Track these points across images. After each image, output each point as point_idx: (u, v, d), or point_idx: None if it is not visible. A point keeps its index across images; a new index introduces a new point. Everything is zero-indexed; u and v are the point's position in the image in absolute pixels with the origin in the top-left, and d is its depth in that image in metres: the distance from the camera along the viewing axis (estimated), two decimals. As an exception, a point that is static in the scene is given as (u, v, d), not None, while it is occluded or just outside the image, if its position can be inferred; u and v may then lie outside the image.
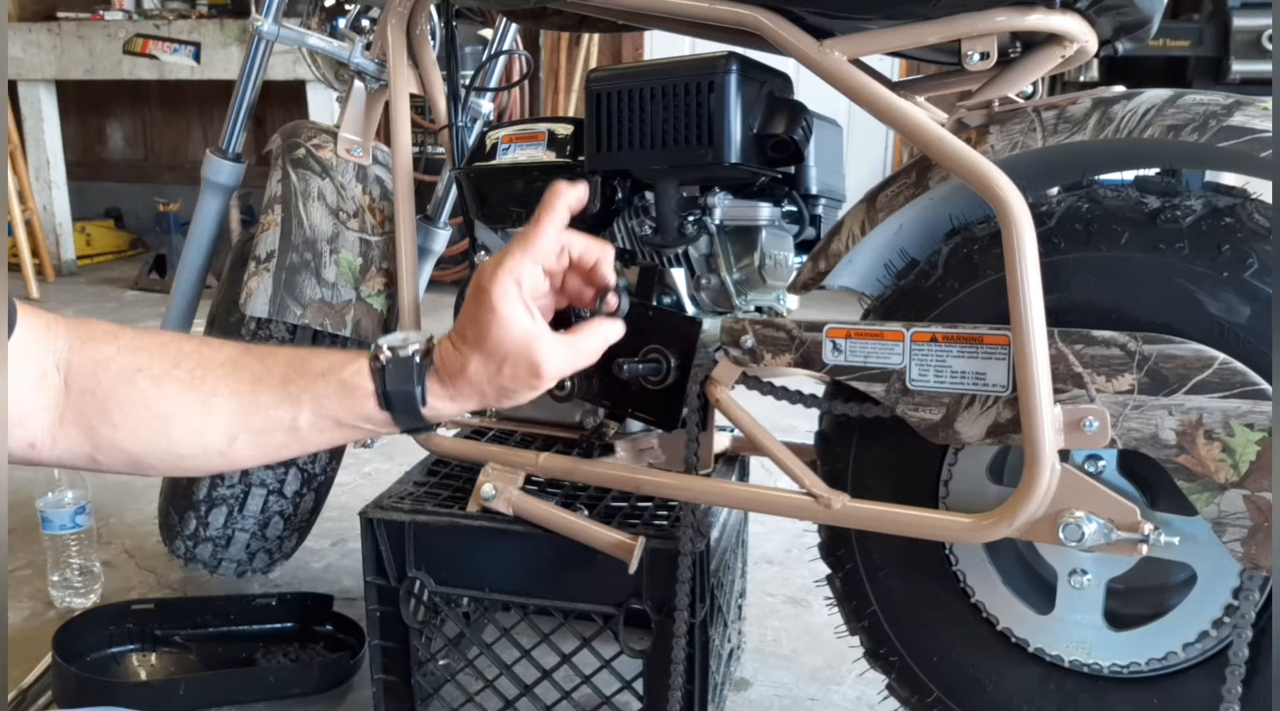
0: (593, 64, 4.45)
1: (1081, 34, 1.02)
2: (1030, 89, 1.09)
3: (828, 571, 1.17)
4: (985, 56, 0.99)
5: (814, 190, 1.26)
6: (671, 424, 1.16)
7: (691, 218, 1.21)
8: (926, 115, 1.03)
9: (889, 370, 1.02)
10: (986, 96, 1.04)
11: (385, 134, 1.49)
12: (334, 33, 1.68)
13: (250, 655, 1.60)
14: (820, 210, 1.28)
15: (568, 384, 1.22)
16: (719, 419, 1.18)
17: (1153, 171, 1.05)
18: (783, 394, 1.12)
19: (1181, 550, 0.95)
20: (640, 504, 1.29)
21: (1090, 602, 1.01)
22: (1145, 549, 0.94)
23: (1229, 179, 1.07)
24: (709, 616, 1.21)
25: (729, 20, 1.08)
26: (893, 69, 3.58)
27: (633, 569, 1.14)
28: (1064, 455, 0.96)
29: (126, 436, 0.75)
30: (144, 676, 1.58)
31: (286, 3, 1.61)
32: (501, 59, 1.77)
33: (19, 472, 2.12)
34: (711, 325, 1.15)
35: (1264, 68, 3.24)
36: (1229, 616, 0.94)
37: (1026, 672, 1.05)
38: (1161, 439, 0.92)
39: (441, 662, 1.36)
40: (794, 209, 1.25)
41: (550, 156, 1.30)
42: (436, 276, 1.85)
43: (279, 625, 1.65)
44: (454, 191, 1.68)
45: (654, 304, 1.24)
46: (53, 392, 0.74)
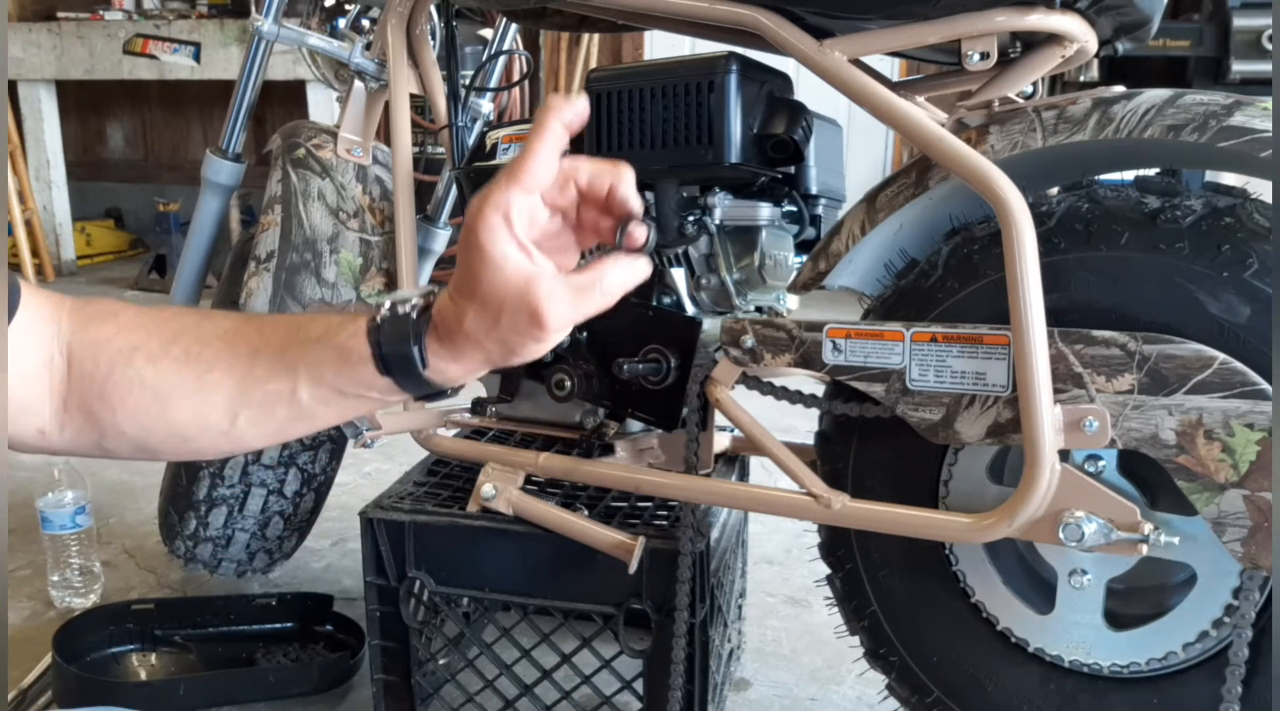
0: (593, 64, 4.45)
1: (1081, 34, 1.02)
2: (1030, 89, 1.09)
3: (828, 571, 1.17)
4: (985, 56, 0.99)
5: (814, 190, 1.26)
6: (671, 424, 1.16)
7: (691, 218, 1.21)
8: (926, 115, 1.03)
9: (889, 370, 1.02)
10: (986, 96, 1.04)
11: (385, 134, 1.49)
12: (334, 33, 1.68)
13: (250, 655, 1.60)
14: (820, 210, 1.28)
15: (568, 383, 1.22)
16: (719, 419, 1.18)
17: (1153, 171, 1.05)
18: (783, 394, 1.12)
19: (1181, 550, 0.95)
20: (640, 504, 1.29)
21: (1090, 602, 1.01)
22: (1145, 549, 0.94)
23: (1229, 179, 1.07)
24: (709, 616, 1.21)
25: (729, 20, 1.08)
26: (893, 69, 3.58)
27: (633, 569, 1.14)
28: (1064, 455, 0.96)
29: (126, 419, 0.72)
30: (144, 676, 1.58)
31: (286, 3, 1.60)
32: (501, 59, 1.77)
33: (19, 473, 2.12)
34: (711, 325, 1.15)
35: (1264, 68, 3.24)
36: (1229, 616, 0.94)
37: (1026, 672, 1.05)
38: (1161, 439, 0.92)
39: (441, 662, 1.36)
40: (794, 209, 1.25)
41: (550, 156, 1.30)
42: (436, 276, 1.84)
43: (279, 625, 1.65)
44: (454, 191, 1.68)
45: (654, 304, 1.24)
46: (58, 377, 0.72)
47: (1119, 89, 0.96)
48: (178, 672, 1.57)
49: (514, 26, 1.68)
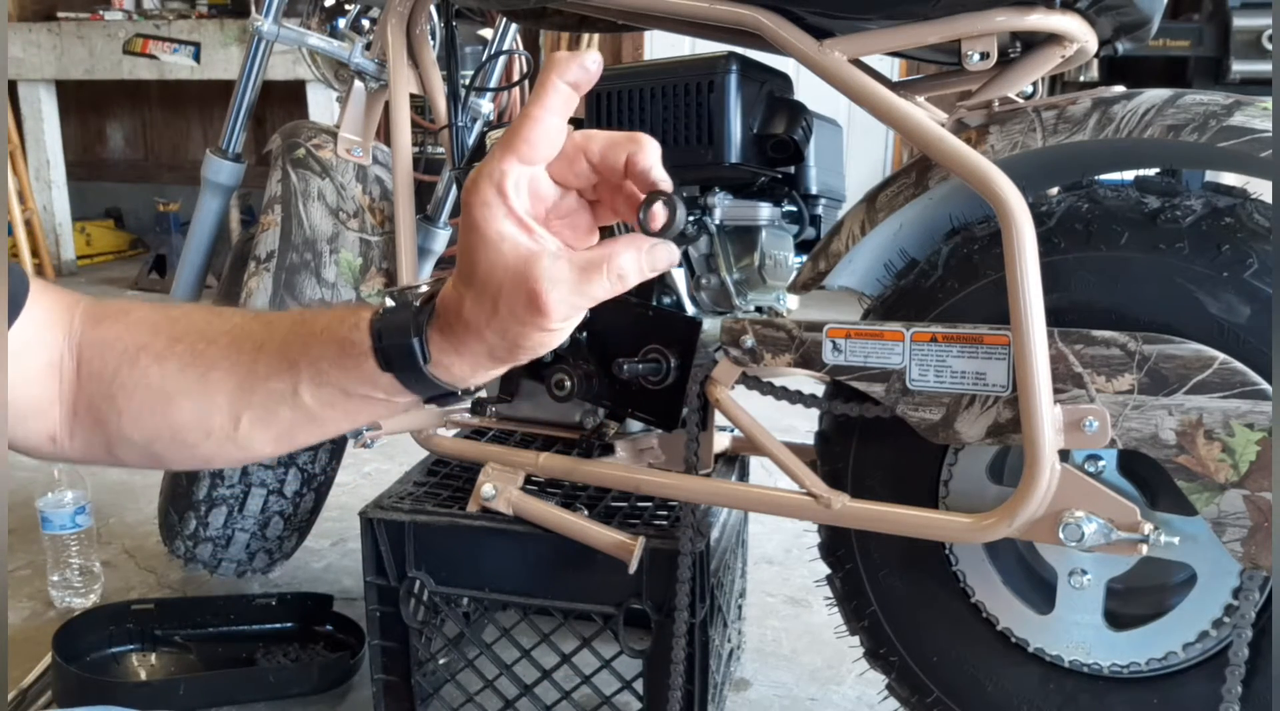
0: (593, 64, 4.45)
1: (1081, 34, 1.02)
2: (1030, 89, 1.09)
3: (828, 571, 1.17)
4: (985, 56, 0.99)
5: (814, 190, 1.26)
6: (671, 424, 1.16)
7: (691, 218, 1.21)
8: (926, 115, 1.03)
9: (889, 370, 1.02)
10: (986, 96, 1.04)
11: (385, 134, 1.49)
12: (334, 33, 1.68)
13: (250, 655, 1.60)
14: (820, 210, 1.28)
15: (568, 383, 1.22)
16: (719, 419, 1.18)
17: (1153, 171, 1.05)
18: (783, 394, 1.12)
19: (1181, 550, 0.95)
20: (640, 504, 1.29)
21: (1090, 602, 1.01)
22: (1145, 549, 0.94)
23: (1229, 179, 1.07)
24: (709, 616, 1.21)
25: (729, 20, 1.08)
26: (893, 69, 3.58)
27: (633, 569, 1.14)
28: (1064, 455, 0.96)
29: (130, 423, 0.68)
30: (144, 676, 1.58)
31: (286, 3, 1.61)
32: (501, 59, 1.77)
33: (19, 473, 2.12)
34: (711, 325, 1.15)
35: (1264, 68, 3.24)
36: (1229, 616, 0.94)
37: (1026, 672, 1.05)
38: (1161, 439, 0.92)
39: (441, 662, 1.36)
40: (794, 209, 1.25)
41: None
42: (437, 276, 1.85)
43: (279, 625, 1.65)
44: (454, 191, 1.68)
45: (654, 304, 1.24)
46: (67, 378, 0.69)
47: (1119, 89, 0.96)
48: (178, 672, 1.57)
49: (514, 26, 1.68)
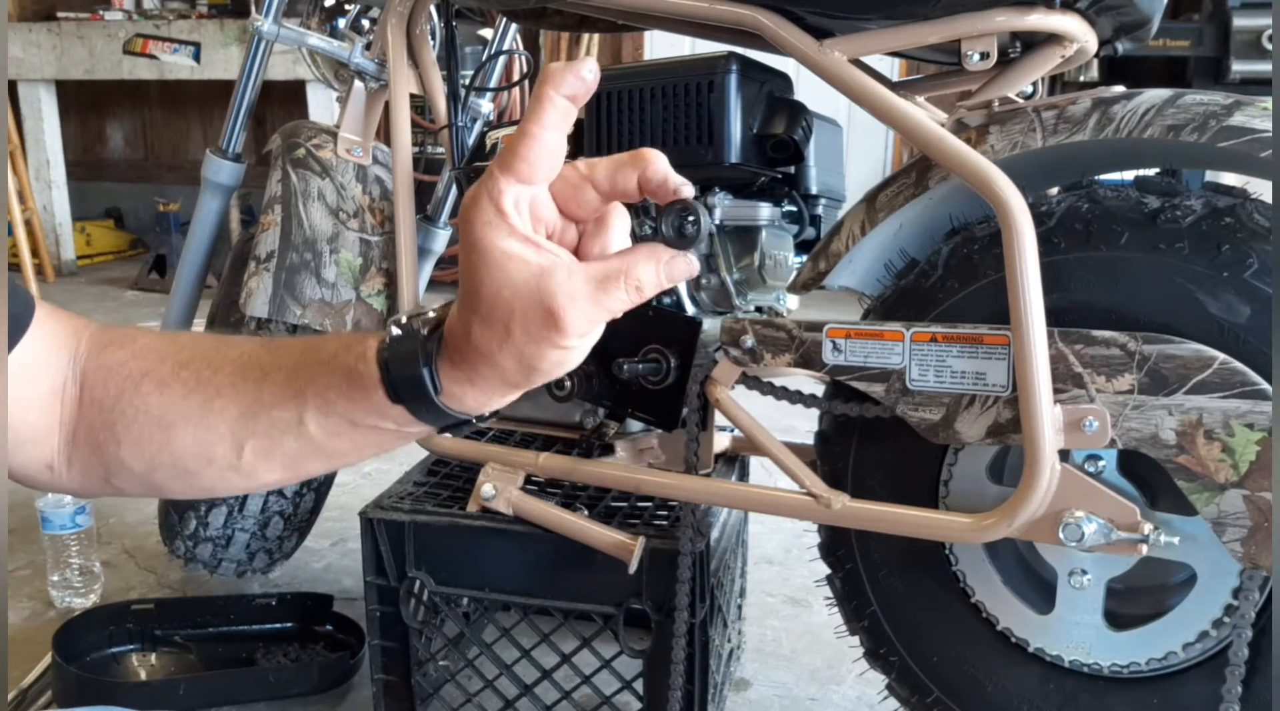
0: (593, 64, 4.45)
1: (1081, 34, 1.02)
2: (1030, 89, 1.09)
3: (828, 571, 1.17)
4: (985, 56, 0.99)
5: (814, 190, 1.26)
6: (671, 424, 1.16)
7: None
8: (926, 115, 1.03)
9: (889, 370, 1.02)
10: (986, 96, 1.04)
11: (385, 134, 1.49)
12: (334, 33, 1.68)
13: (250, 655, 1.60)
14: (820, 210, 1.28)
15: (568, 383, 1.22)
16: (719, 419, 1.18)
17: (1153, 171, 1.05)
18: (783, 394, 1.12)
19: (1181, 550, 0.95)
20: (640, 504, 1.29)
21: (1090, 602, 1.01)
22: (1145, 549, 0.94)
23: (1229, 179, 1.07)
24: (709, 616, 1.21)
25: (729, 20, 1.08)
26: (893, 69, 3.58)
27: (633, 569, 1.14)
28: (1064, 455, 0.96)
29: (130, 450, 0.66)
30: (144, 676, 1.57)
31: (286, 3, 1.61)
32: (501, 59, 1.77)
33: (19, 472, 2.12)
34: (711, 325, 1.15)
35: (1264, 68, 3.24)
36: (1229, 616, 0.94)
37: (1026, 672, 1.05)
38: (1161, 439, 0.92)
39: (441, 662, 1.36)
40: (794, 209, 1.25)
41: (550, 156, 1.30)
42: (436, 276, 1.84)
43: (279, 625, 1.65)
44: (454, 191, 1.68)
45: (654, 304, 1.24)
46: (69, 405, 0.67)
47: (1119, 89, 0.96)
48: (178, 672, 1.57)
49: (514, 26, 1.68)
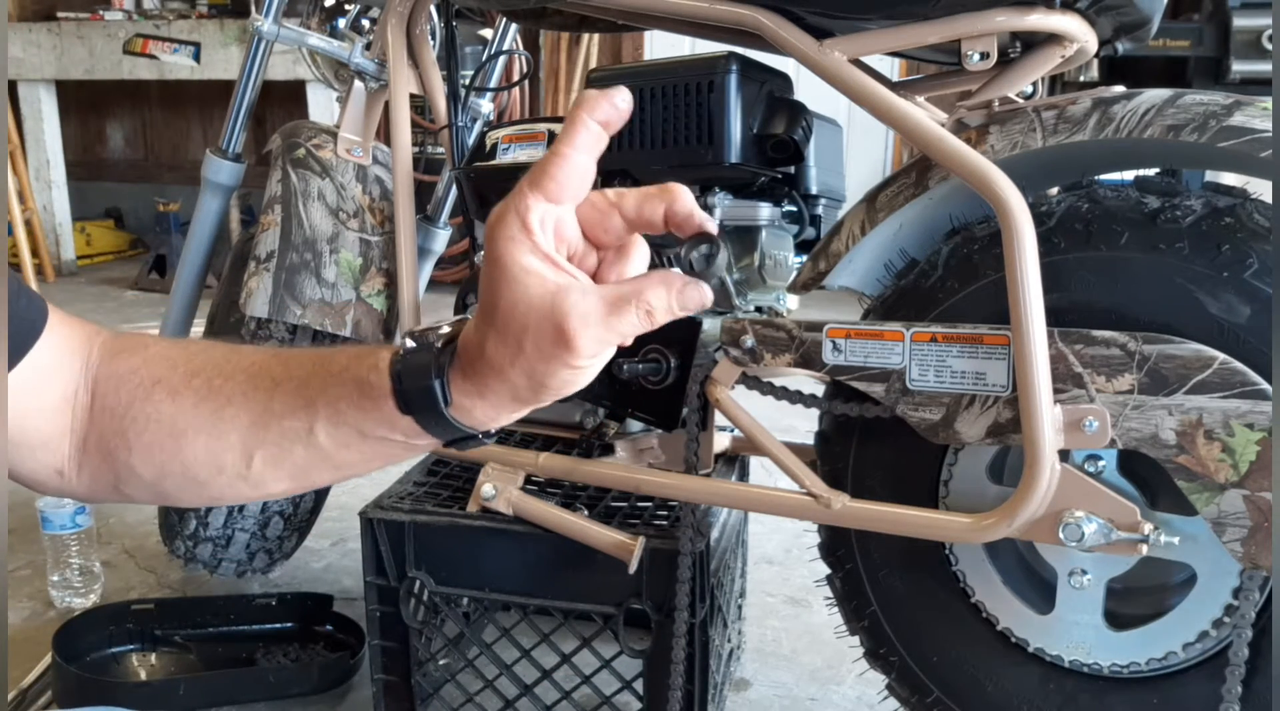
0: (593, 64, 4.45)
1: (1081, 34, 1.02)
2: (1030, 89, 1.09)
3: (828, 571, 1.17)
4: (985, 56, 0.99)
5: (814, 190, 1.26)
6: (671, 424, 1.16)
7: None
8: (926, 115, 1.03)
9: (889, 370, 1.02)
10: (986, 96, 1.04)
11: (385, 134, 1.49)
12: (334, 33, 1.68)
13: (250, 655, 1.60)
14: (820, 210, 1.28)
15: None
16: (719, 419, 1.18)
17: (1153, 171, 1.05)
18: (783, 394, 1.12)
19: (1181, 550, 0.95)
20: (640, 504, 1.29)
21: (1090, 602, 1.01)
22: (1145, 549, 0.94)
23: (1229, 179, 1.07)
24: (709, 616, 1.21)
25: (729, 20, 1.08)
26: (893, 69, 3.58)
27: (633, 569, 1.14)
28: (1064, 455, 0.96)
29: (141, 458, 0.67)
30: (144, 676, 1.57)
31: (286, 3, 1.61)
32: (501, 59, 1.77)
33: (19, 472, 2.12)
34: (711, 325, 1.15)
35: (1264, 68, 3.24)
36: (1229, 616, 0.94)
37: (1026, 672, 1.05)
38: (1161, 439, 0.92)
39: (441, 662, 1.36)
40: (794, 209, 1.25)
41: (550, 156, 1.30)
42: (436, 276, 1.85)
43: (279, 625, 1.65)
44: (454, 191, 1.68)
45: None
46: (80, 412, 0.67)
47: (1119, 89, 0.96)
48: (178, 672, 1.57)
49: (514, 26, 1.68)
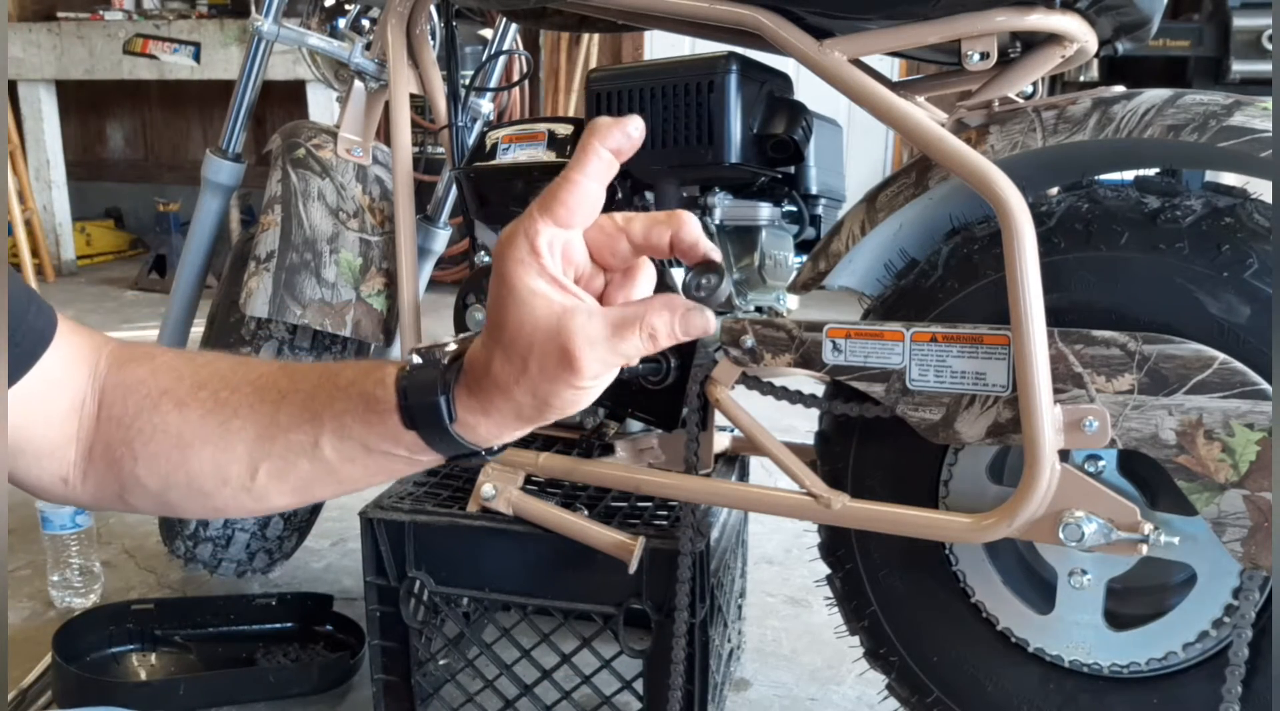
0: (593, 64, 4.45)
1: (1081, 34, 1.02)
2: (1030, 89, 1.09)
3: (828, 571, 1.17)
4: (985, 56, 0.99)
5: (814, 190, 1.26)
6: (671, 424, 1.16)
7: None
8: (926, 115, 1.03)
9: (889, 370, 1.02)
10: (986, 96, 1.04)
11: (385, 134, 1.49)
12: (334, 33, 1.68)
13: (250, 655, 1.60)
14: (820, 210, 1.28)
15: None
16: (719, 419, 1.18)
17: (1153, 171, 1.05)
18: (783, 394, 1.12)
19: (1181, 550, 0.95)
20: (640, 504, 1.29)
21: (1090, 602, 1.01)
22: (1145, 549, 0.94)
23: (1229, 179, 1.07)
24: (709, 616, 1.21)
25: (729, 20, 1.08)
26: (893, 69, 3.58)
27: (633, 569, 1.14)
28: (1064, 455, 0.96)
29: (146, 468, 0.67)
30: (144, 676, 1.57)
31: (286, 3, 1.61)
32: (501, 59, 1.77)
33: (19, 472, 2.12)
34: (711, 325, 1.15)
35: (1264, 68, 3.24)
36: (1229, 616, 0.94)
37: (1026, 672, 1.05)
38: (1161, 439, 0.92)
39: (441, 662, 1.36)
40: (794, 209, 1.25)
41: (550, 156, 1.30)
42: (436, 276, 1.85)
43: (279, 625, 1.65)
44: (454, 191, 1.68)
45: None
46: (86, 421, 0.68)
47: (1119, 89, 0.96)
48: (178, 672, 1.57)
49: (514, 26, 1.68)
